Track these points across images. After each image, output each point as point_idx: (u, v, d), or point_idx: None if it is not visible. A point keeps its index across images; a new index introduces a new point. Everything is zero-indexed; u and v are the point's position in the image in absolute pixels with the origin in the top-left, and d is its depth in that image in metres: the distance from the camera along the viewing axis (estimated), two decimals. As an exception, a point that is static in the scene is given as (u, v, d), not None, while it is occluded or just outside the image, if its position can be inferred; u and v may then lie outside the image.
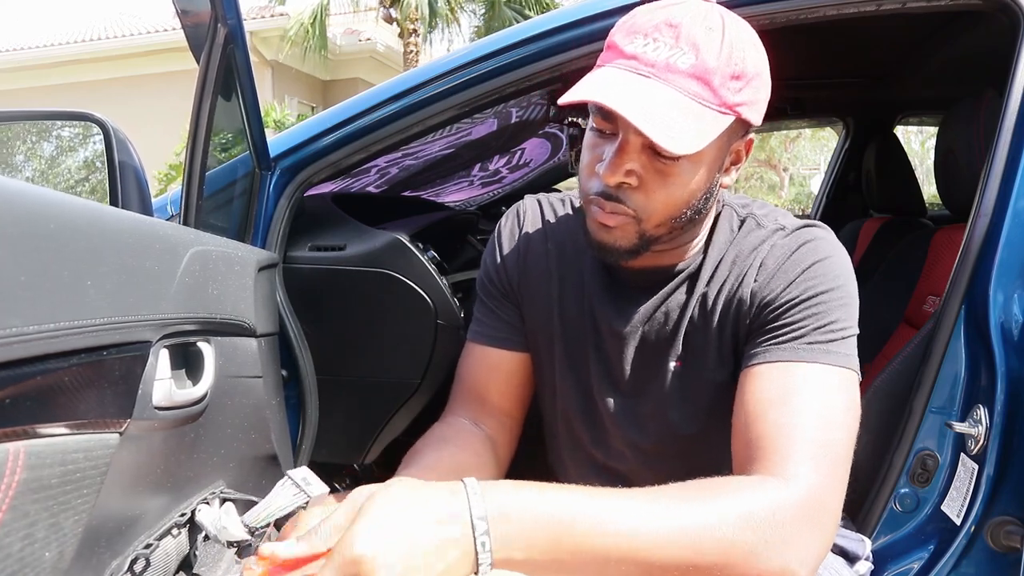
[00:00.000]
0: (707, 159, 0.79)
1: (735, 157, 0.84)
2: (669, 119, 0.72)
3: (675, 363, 0.90)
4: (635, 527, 0.63)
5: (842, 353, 0.78)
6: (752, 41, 0.79)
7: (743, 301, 0.85)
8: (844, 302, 0.80)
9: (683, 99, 0.73)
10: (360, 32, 13.51)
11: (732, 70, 0.75)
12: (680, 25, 0.74)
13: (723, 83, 0.74)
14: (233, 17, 1.10)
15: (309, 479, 0.73)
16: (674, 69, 0.74)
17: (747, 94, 0.76)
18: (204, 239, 0.94)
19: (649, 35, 0.75)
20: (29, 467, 0.52)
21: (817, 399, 0.75)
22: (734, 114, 0.76)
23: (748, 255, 0.86)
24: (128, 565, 0.75)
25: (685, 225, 0.84)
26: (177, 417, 0.81)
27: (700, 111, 0.74)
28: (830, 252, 0.83)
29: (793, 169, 22.58)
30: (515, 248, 1.01)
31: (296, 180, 1.32)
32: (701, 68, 0.73)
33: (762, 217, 0.89)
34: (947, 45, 1.95)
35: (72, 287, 0.59)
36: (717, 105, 0.75)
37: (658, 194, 0.79)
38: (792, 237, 0.85)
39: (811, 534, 0.68)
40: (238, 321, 0.99)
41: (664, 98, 0.73)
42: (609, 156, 0.78)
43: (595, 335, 0.94)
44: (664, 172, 0.78)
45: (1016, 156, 1.05)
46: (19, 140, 1.65)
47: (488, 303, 1.02)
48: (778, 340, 0.80)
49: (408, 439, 0.97)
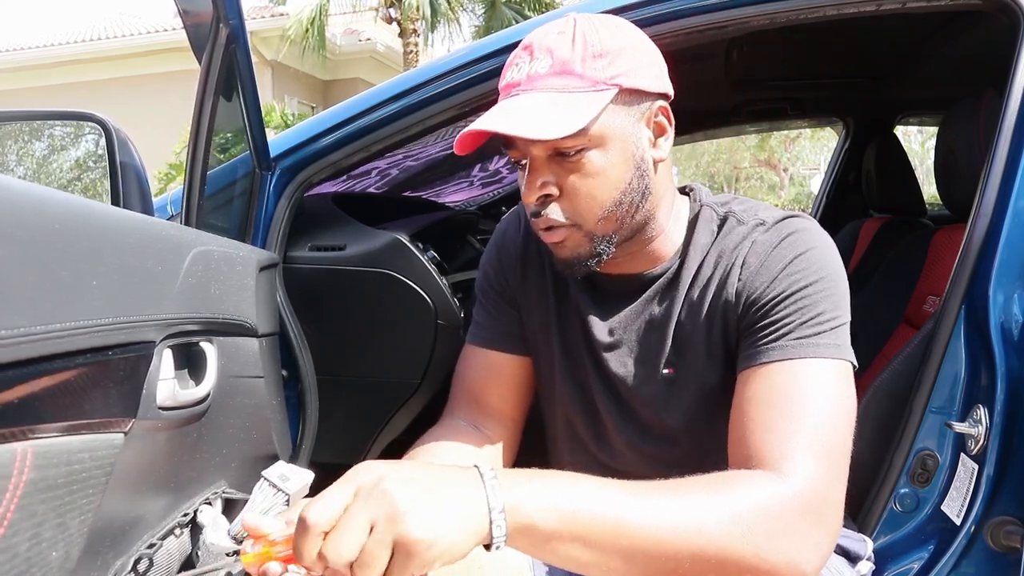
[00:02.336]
0: (614, 140, 0.80)
1: (657, 128, 0.84)
2: (539, 116, 0.76)
3: (667, 370, 0.90)
4: (640, 517, 0.64)
5: (832, 344, 0.78)
6: (610, 24, 0.81)
7: (729, 301, 0.85)
8: (829, 292, 0.80)
9: (551, 96, 0.77)
10: (360, 32, 13.50)
11: (591, 52, 0.78)
12: (532, 43, 0.81)
13: (586, 66, 0.77)
14: (235, 17, 1.10)
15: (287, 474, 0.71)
16: (536, 77, 0.78)
17: (619, 66, 0.78)
18: (206, 239, 0.94)
19: (511, 64, 0.82)
20: (37, 467, 0.52)
21: (811, 393, 0.75)
22: (612, 87, 0.78)
23: (731, 253, 0.86)
24: (132, 564, 0.75)
25: (637, 213, 0.84)
26: (180, 417, 0.81)
27: (571, 99, 0.77)
28: (812, 243, 0.83)
29: (793, 169, 22.58)
30: (514, 252, 1.01)
31: (296, 180, 1.32)
32: (559, 64, 0.78)
33: (741, 213, 0.88)
34: (947, 45, 1.95)
35: (76, 287, 0.59)
36: (589, 87, 0.77)
37: (580, 193, 0.80)
38: (773, 231, 0.85)
39: (814, 527, 0.68)
40: (240, 321, 0.99)
41: (531, 102, 0.77)
42: (524, 179, 0.82)
43: (588, 342, 0.95)
44: (575, 170, 0.80)
45: (1016, 156, 1.05)
46: (20, 140, 1.65)
47: (487, 306, 1.02)
48: (768, 340, 0.80)
49: (408, 439, 0.97)
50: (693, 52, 1.73)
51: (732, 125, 3.04)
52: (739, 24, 1.17)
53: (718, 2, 1.16)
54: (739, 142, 19.96)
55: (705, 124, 2.99)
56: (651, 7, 1.17)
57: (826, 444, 0.72)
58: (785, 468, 0.70)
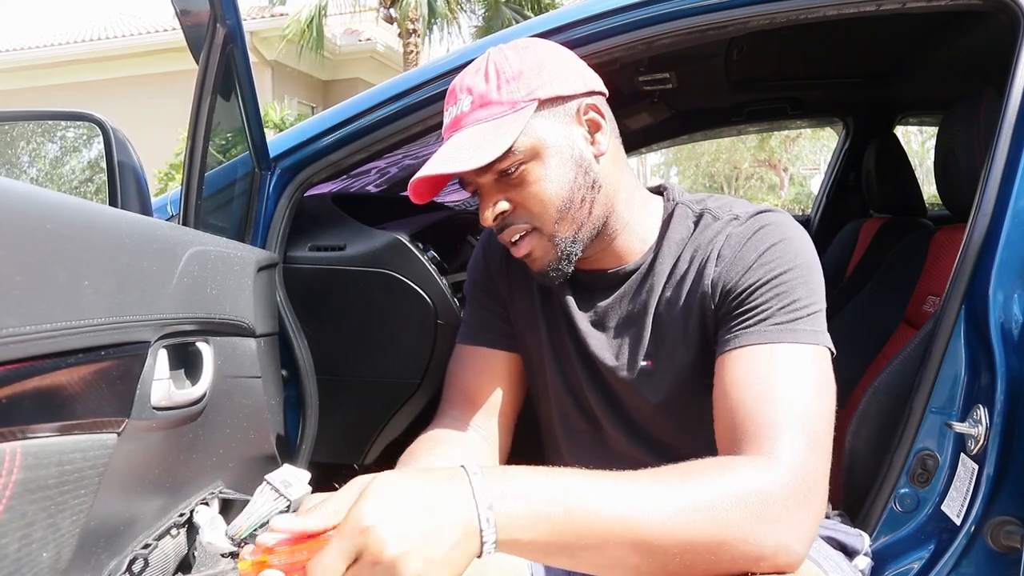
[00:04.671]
0: (547, 147, 0.85)
1: (591, 125, 0.88)
2: (471, 148, 0.82)
3: (646, 361, 0.92)
4: (631, 509, 0.64)
5: (809, 330, 0.80)
6: (519, 48, 0.88)
7: (705, 293, 0.87)
8: (804, 280, 0.82)
9: (478, 128, 0.84)
10: (360, 32, 13.50)
11: (504, 77, 0.84)
12: (454, 87, 0.88)
13: (502, 92, 0.84)
14: (232, 17, 1.10)
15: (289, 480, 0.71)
16: (462, 116, 0.86)
17: (533, 82, 0.84)
18: (202, 239, 0.94)
19: (444, 111, 0.89)
20: (26, 467, 0.52)
21: (791, 377, 0.77)
22: (531, 102, 0.84)
23: (706, 246, 0.89)
24: (126, 565, 0.75)
25: (593, 208, 0.88)
26: (176, 417, 0.81)
27: (496, 124, 0.83)
28: (785, 234, 0.85)
29: (793, 169, 22.60)
30: (499, 253, 1.05)
31: (296, 180, 1.32)
32: (478, 98, 0.85)
33: (716, 210, 0.91)
34: (947, 45, 1.95)
35: (69, 287, 0.59)
36: (509, 109, 0.83)
37: (531, 201, 0.86)
38: (747, 224, 0.87)
39: (801, 509, 0.69)
40: (237, 321, 0.99)
41: (462, 139, 0.84)
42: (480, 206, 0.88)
43: (572, 335, 0.97)
44: (520, 183, 0.85)
45: (1016, 156, 1.05)
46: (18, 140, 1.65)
47: (476, 306, 1.06)
48: (745, 325, 0.81)
49: (408, 439, 0.97)
50: (693, 52, 1.73)
51: (732, 125, 3.04)
52: (739, 24, 1.17)
53: (718, 2, 1.16)
54: (739, 142, 19.99)
55: (705, 124, 3.00)
56: (651, 7, 1.17)
57: (809, 426, 0.73)
58: (772, 451, 0.71)
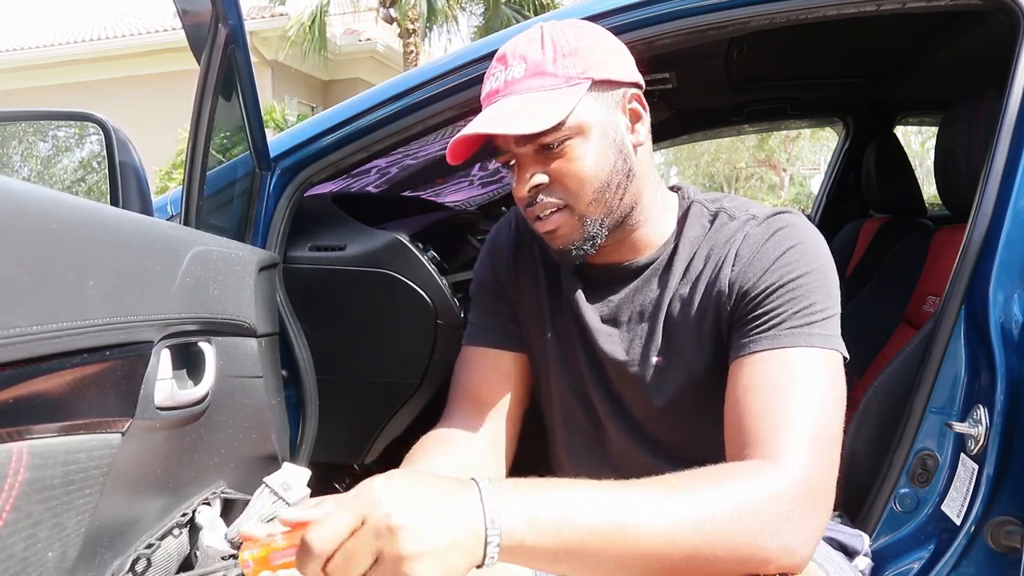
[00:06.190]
0: (593, 128, 0.84)
1: (632, 114, 0.88)
2: (521, 114, 0.81)
3: (657, 358, 0.92)
4: (637, 519, 0.64)
5: (823, 334, 0.80)
6: (575, 26, 0.87)
7: (721, 292, 0.87)
8: (820, 284, 0.82)
9: (529, 96, 0.83)
10: (360, 32, 13.49)
11: (561, 52, 0.83)
12: (505, 53, 0.87)
13: (558, 65, 0.83)
14: (234, 17, 1.10)
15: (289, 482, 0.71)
16: (513, 82, 0.84)
17: (589, 61, 0.84)
18: (205, 239, 0.94)
19: (489, 75, 0.88)
20: (32, 467, 0.52)
21: (803, 382, 0.77)
22: (585, 80, 0.83)
23: (723, 246, 0.88)
24: (130, 565, 0.75)
25: (625, 195, 0.87)
26: (179, 417, 0.81)
27: (548, 96, 0.82)
28: (803, 237, 0.85)
29: (793, 169, 22.58)
30: (506, 253, 1.04)
31: (296, 180, 1.32)
32: (532, 67, 0.84)
33: (733, 210, 0.91)
34: (947, 45, 1.95)
35: (74, 287, 0.59)
36: (563, 83, 0.83)
37: (569, 177, 0.85)
38: (764, 225, 0.87)
39: (808, 513, 0.69)
40: (239, 321, 0.99)
41: (512, 104, 0.83)
42: (515, 177, 0.87)
43: (580, 331, 0.97)
44: (561, 156, 0.84)
45: (1016, 156, 1.05)
46: (19, 140, 1.65)
47: (482, 306, 1.05)
48: (760, 329, 0.81)
49: (408, 439, 0.97)
50: (693, 52, 1.73)
51: (732, 125, 3.04)
52: (739, 24, 1.17)
53: (718, 2, 1.16)
54: (739, 142, 19.97)
55: (705, 124, 3.00)
56: (651, 7, 1.17)
57: (819, 432, 0.74)
58: (780, 456, 0.71)
